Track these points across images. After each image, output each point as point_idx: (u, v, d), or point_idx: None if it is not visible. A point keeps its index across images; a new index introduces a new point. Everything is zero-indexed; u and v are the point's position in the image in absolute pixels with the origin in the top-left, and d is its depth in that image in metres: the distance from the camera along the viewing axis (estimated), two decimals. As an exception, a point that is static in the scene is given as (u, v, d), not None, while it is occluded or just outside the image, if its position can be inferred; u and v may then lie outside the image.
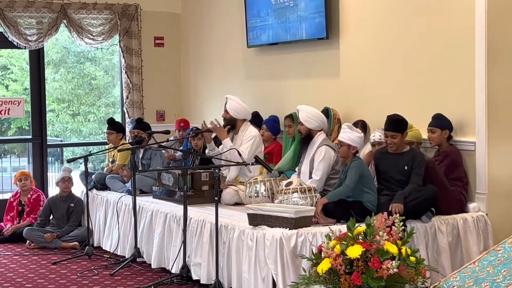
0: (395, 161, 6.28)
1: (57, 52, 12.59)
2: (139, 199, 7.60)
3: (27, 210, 8.80)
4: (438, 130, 6.48)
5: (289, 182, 6.40)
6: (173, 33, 10.63)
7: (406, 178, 6.20)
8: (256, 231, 5.89)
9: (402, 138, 6.29)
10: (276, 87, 8.79)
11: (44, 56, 10.15)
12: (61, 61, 12.76)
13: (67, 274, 7.15)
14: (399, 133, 6.27)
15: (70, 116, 12.88)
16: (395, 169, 6.26)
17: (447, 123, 6.49)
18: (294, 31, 8.27)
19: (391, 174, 6.29)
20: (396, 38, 7.17)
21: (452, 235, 6.26)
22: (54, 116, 12.72)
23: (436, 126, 6.49)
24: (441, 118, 6.50)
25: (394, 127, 6.29)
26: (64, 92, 12.82)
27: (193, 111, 10.44)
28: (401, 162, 6.24)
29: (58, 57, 12.68)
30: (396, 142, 6.28)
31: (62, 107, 12.80)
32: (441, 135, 6.48)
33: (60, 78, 12.68)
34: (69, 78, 12.73)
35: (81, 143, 11.93)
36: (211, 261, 6.37)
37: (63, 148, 12.33)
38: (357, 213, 5.90)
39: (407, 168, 6.20)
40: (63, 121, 12.96)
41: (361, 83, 7.60)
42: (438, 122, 6.49)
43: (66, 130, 12.98)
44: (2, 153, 12.27)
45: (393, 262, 4.42)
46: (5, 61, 12.15)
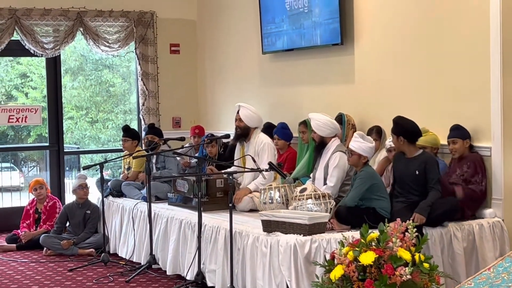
0: (407, 165, 6.25)
1: (75, 60, 12.65)
2: (155, 206, 7.61)
3: (43, 218, 8.85)
4: (459, 140, 6.44)
5: (303, 189, 6.39)
6: (188, 40, 10.66)
7: (417, 183, 6.15)
8: (270, 237, 5.88)
9: (398, 142, 6.27)
10: (291, 93, 8.79)
11: (61, 63, 10.21)
12: (79, 68, 12.82)
13: (83, 281, 7.18)
14: (394, 135, 6.29)
15: (89, 123, 12.94)
16: (407, 174, 6.23)
17: (466, 132, 6.46)
18: (308, 37, 8.26)
19: (403, 178, 6.26)
20: (410, 44, 7.14)
21: (468, 241, 6.21)
22: (72, 123, 12.78)
23: (457, 136, 6.44)
24: (460, 129, 6.47)
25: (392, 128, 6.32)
26: (82, 100, 12.87)
27: (209, 118, 10.46)
28: (411, 167, 6.20)
29: (76, 65, 12.73)
30: (394, 144, 6.35)
31: (80, 114, 12.86)
32: (463, 145, 6.44)
33: (78, 86, 12.74)
34: (87, 86, 12.79)
35: (97, 150, 11.97)
36: (225, 268, 6.37)
37: (80, 155, 12.38)
38: (371, 220, 5.87)
39: (418, 173, 6.15)
40: (82, 128, 13.02)
41: (376, 89, 7.57)
42: (458, 132, 6.45)
43: (85, 137, 13.03)
44: (21, 160, 12.35)
45: (406, 269, 4.39)
46: (25, 69, 12.23)
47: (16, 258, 8.21)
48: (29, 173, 12.34)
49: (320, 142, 6.87)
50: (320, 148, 6.87)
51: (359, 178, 6.24)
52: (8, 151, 11.49)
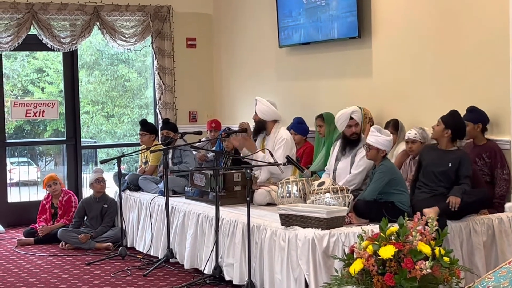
0: (440, 156, 6.18)
1: (91, 55, 12.70)
2: (172, 200, 7.61)
3: (60, 213, 8.87)
4: (470, 124, 6.37)
5: (321, 182, 6.37)
6: (205, 34, 10.65)
7: (446, 175, 6.09)
8: (288, 231, 5.86)
9: (442, 130, 6.18)
10: (307, 87, 8.76)
11: (78, 58, 10.23)
12: (95, 63, 12.88)
13: (100, 274, 7.19)
14: (442, 124, 6.20)
15: (105, 118, 12.98)
16: (439, 164, 6.15)
17: (480, 116, 6.39)
18: (326, 30, 8.22)
19: (433, 168, 6.18)
20: (428, 35, 7.09)
21: (487, 235, 6.16)
22: (88, 118, 12.82)
23: (469, 119, 6.38)
24: (474, 111, 6.40)
25: (445, 116, 6.23)
26: (98, 94, 12.94)
27: (225, 112, 10.45)
28: (446, 159, 6.13)
29: (92, 60, 12.79)
30: (435, 129, 6.24)
31: (96, 109, 12.91)
32: (474, 128, 6.38)
33: (94, 80, 12.78)
34: (103, 80, 12.83)
35: (114, 144, 12.01)
36: (243, 262, 6.36)
37: (97, 149, 12.43)
38: (390, 213, 5.81)
39: (451, 166, 6.09)
40: (98, 122, 13.07)
41: (394, 82, 7.53)
42: (470, 115, 6.39)
43: (101, 131, 13.08)
44: (38, 155, 12.40)
45: (426, 263, 4.36)
46: (41, 64, 12.29)
47: (34, 252, 8.25)
48: (45, 168, 12.40)
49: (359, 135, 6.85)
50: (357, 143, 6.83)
51: (378, 172, 6.21)
52: (25, 145, 11.54)
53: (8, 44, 9.43)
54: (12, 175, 11.35)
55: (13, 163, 11.58)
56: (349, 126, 6.84)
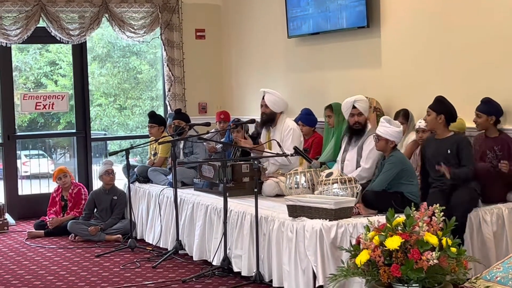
0: (438, 146, 6.15)
1: (102, 47, 12.67)
2: (181, 192, 7.60)
3: (70, 205, 8.86)
4: (483, 115, 6.30)
5: (329, 173, 6.34)
6: (214, 25, 10.61)
7: (449, 163, 6.04)
8: (296, 222, 5.84)
9: (436, 119, 6.15)
10: (316, 78, 8.71)
11: (87, 50, 10.21)
12: (107, 55, 12.84)
13: (110, 266, 7.19)
14: (433, 112, 6.15)
15: (117, 110, 12.96)
16: (438, 154, 6.12)
17: (494, 108, 6.31)
18: (334, 20, 8.16)
19: (435, 160, 6.14)
20: (438, 24, 7.02)
21: (497, 225, 6.11)
22: (101, 110, 12.82)
23: (482, 111, 6.31)
24: (489, 103, 6.31)
25: (432, 104, 6.21)
26: (110, 87, 12.90)
27: (235, 103, 10.42)
28: (443, 147, 6.10)
29: (104, 52, 12.76)
30: (429, 120, 6.20)
31: (108, 101, 12.90)
32: (487, 120, 6.31)
33: (106, 73, 12.77)
34: (115, 73, 12.81)
35: (124, 136, 11.98)
36: (251, 253, 6.34)
37: (107, 141, 12.40)
38: (399, 204, 5.79)
39: (450, 152, 6.05)
40: (110, 115, 13.06)
41: (403, 72, 7.47)
42: (484, 107, 6.31)
43: (113, 124, 13.07)
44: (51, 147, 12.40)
45: (433, 253, 4.30)
46: (54, 57, 12.27)
47: (44, 244, 8.25)
48: (58, 160, 12.40)
49: (364, 125, 6.78)
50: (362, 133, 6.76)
51: (388, 163, 6.16)
52: (36, 137, 11.54)
53: (17, 36, 9.43)
54: (25, 168, 11.37)
55: (27, 156, 11.59)
56: (351, 115, 6.77)
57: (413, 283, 4.32)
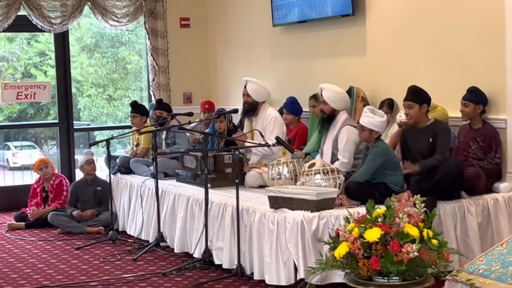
0: (419, 135, 6.05)
1: (91, 37, 12.55)
2: (163, 183, 7.47)
3: (51, 197, 8.71)
4: (471, 104, 6.22)
5: (311, 164, 6.22)
6: (199, 14, 10.46)
7: (431, 151, 5.94)
8: (277, 214, 5.72)
9: (419, 110, 6.04)
10: (302, 66, 8.59)
11: (69, 39, 10.06)
12: (96, 46, 12.73)
13: (89, 259, 7.06)
14: (416, 104, 6.02)
15: (106, 100, 12.84)
16: (420, 144, 6.02)
17: (481, 97, 6.22)
18: (319, 8, 8.05)
19: (416, 149, 6.05)
20: (424, 13, 6.92)
21: (482, 216, 6.02)
22: (90, 101, 12.71)
23: (470, 100, 6.22)
24: (476, 92, 6.23)
25: (411, 96, 6.07)
26: (99, 77, 12.80)
27: (220, 93, 10.29)
28: (425, 136, 6.00)
29: (92, 42, 12.64)
30: (412, 114, 6.04)
31: (98, 91, 12.79)
32: (475, 110, 6.22)
33: (95, 63, 12.65)
34: (103, 63, 12.69)
35: (108, 127, 11.81)
36: (233, 245, 6.22)
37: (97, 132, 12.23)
38: (382, 195, 5.68)
39: (432, 141, 5.95)
40: (99, 105, 12.95)
41: (388, 61, 7.37)
42: (472, 96, 6.22)
43: (102, 114, 12.95)
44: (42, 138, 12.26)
45: (413, 246, 4.20)
46: (43, 47, 12.13)
47: (24, 237, 8.11)
48: (49, 151, 12.27)
49: (330, 114, 6.66)
50: (329, 121, 6.67)
51: (372, 153, 6.04)
52: (18, 128, 11.34)
53: (-3, 25, 9.28)
54: (15, 159, 11.23)
55: (17, 147, 11.47)
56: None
57: (393, 276, 4.23)
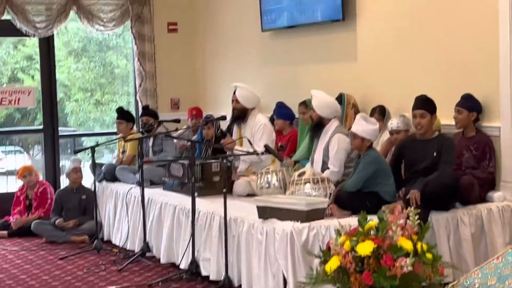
0: (424, 148, 5.85)
1: (78, 41, 12.45)
2: (149, 191, 7.31)
3: (34, 205, 8.54)
4: (465, 111, 6.08)
5: (301, 172, 6.08)
6: (187, 18, 10.29)
7: (436, 166, 5.77)
8: (266, 224, 5.57)
9: (431, 121, 5.88)
10: (291, 72, 8.44)
11: (55, 44, 9.87)
12: (83, 50, 12.65)
13: (73, 270, 6.88)
14: (429, 113, 5.86)
15: (93, 105, 12.73)
16: (424, 157, 5.82)
17: (476, 104, 6.08)
18: (309, 13, 7.90)
19: (420, 163, 5.84)
20: (415, 19, 6.79)
21: (476, 226, 5.86)
22: (77, 105, 12.58)
23: (464, 107, 6.08)
24: (470, 99, 6.09)
25: (425, 105, 5.88)
26: (86, 82, 12.71)
27: (208, 99, 10.12)
28: (430, 149, 5.81)
29: (80, 47, 12.54)
30: (425, 124, 5.85)
31: (85, 96, 12.68)
32: (468, 117, 6.08)
33: (82, 67, 12.55)
34: (91, 67, 12.59)
35: (93, 133, 11.67)
36: (220, 256, 6.07)
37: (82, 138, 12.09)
38: (374, 205, 5.57)
39: (437, 155, 5.78)
40: (86, 110, 12.84)
41: (379, 67, 7.23)
42: (466, 103, 6.09)
43: (89, 119, 12.83)
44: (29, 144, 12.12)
45: (407, 260, 4.05)
46: (30, 51, 12.02)
47: (6, 246, 7.92)
48: (36, 156, 12.13)
49: (318, 122, 6.54)
50: (318, 129, 6.54)
51: (363, 162, 5.89)
52: (2, 134, 11.13)
53: (-20, 30, 9.09)
54: (2, 164, 11.01)
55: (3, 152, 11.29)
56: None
57: (386, 292, 4.08)
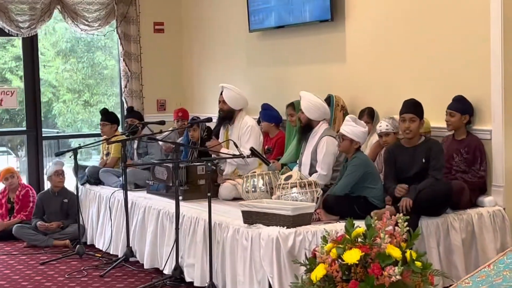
0: (411, 155, 5.68)
1: (66, 42, 12.26)
2: (133, 195, 7.15)
3: (16, 208, 8.33)
4: (457, 114, 5.95)
5: (288, 176, 5.92)
6: (173, 18, 10.12)
7: (425, 172, 5.62)
8: (251, 230, 5.42)
9: (419, 126, 5.73)
10: (279, 73, 8.29)
11: (38, 44, 9.70)
12: (71, 50, 12.46)
13: (54, 275, 6.70)
14: (418, 118, 5.70)
15: (82, 106, 12.55)
16: (413, 164, 5.66)
17: (468, 107, 5.96)
18: (297, 13, 7.75)
19: (409, 170, 5.67)
20: (405, 19, 6.65)
21: (466, 232, 5.74)
22: (64, 106, 12.40)
23: (457, 110, 5.95)
24: (462, 101, 5.96)
25: (415, 109, 5.72)
26: (74, 82, 12.52)
27: (196, 100, 9.96)
28: (418, 156, 5.65)
29: (68, 47, 12.36)
30: (414, 128, 5.67)
31: (73, 97, 12.49)
32: (460, 119, 5.95)
33: (70, 68, 12.36)
34: (79, 68, 12.40)
35: (79, 134, 11.47)
36: (205, 262, 5.91)
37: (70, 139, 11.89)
38: (362, 209, 5.46)
39: (425, 161, 5.62)
40: (74, 111, 12.65)
41: (368, 68, 7.09)
42: (458, 105, 5.95)
43: (77, 120, 12.65)
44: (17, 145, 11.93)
45: (395, 268, 3.89)
46: (19, 52, 11.82)
47: (-14, 250, 7.76)
48: (23, 158, 11.92)
49: (306, 124, 6.41)
50: (306, 131, 6.41)
51: (351, 165, 5.75)
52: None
53: (-39, 29, 8.90)
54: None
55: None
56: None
57: (374, 302, 3.93)
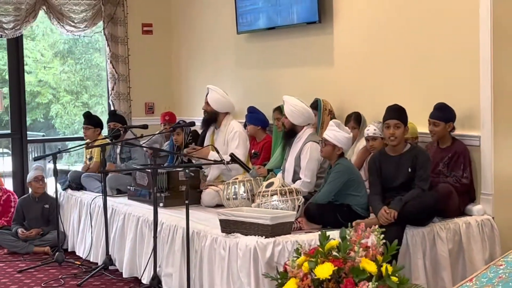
0: (396, 164, 5.44)
1: (64, 43, 12.18)
2: (113, 201, 6.96)
3: (-2, 213, 8.18)
4: (441, 123, 5.74)
5: (269, 183, 5.72)
6: (162, 20, 9.95)
7: (411, 181, 5.39)
8: (229, 239, 5.21)
9: (404, 132, 5.51)
10: (267, 76, 8.12)
11: (23, 45, 9.53)
12: (69, 52, 12.39)
13: (30, 284, 6.51)
14: (403, 124, 5.47)
15: (79, 108, 12.46)
16: (398, 174, 5.43)
17: (450, 114, 5.76)
18: (285, 14, 7.58)
19: (395, 180, 5.45)
20: (394, 23, 6.48)
21: (453, 241, 5.53)
22: (62, 108, 12.29)
23: (440, 119, 5.74)
24: (445, 109, 5.76)
25: (400, 115, 5.49)
26: (72, 84, 12.44)
27: (184, 103, 9.78)
28: (403, 165, 5.41)
29: (65, 48, 12.28)
30: (399, 135, 5.43)
31: (70, 98, 12.40)
32: (445, 128, 5.75)
33: (68, 70, 12.28)
34: (77, 69, 12.32)
35: (62, 138, 11.33)
36: (183, 272, 5.70)
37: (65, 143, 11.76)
38: (345, 218, 5.25)
39: (411, 170, 5.39)
40: (71, 113, 12.56)
41: (356, 72, 6.92)
42: (441, 114, 5.75)
43: (75, 122, 12.55)
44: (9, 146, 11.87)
45: (370, 284, 3.72)
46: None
47: (-36, 257, 7.57)
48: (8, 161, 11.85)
49: (290, 129, 6.23)
50: (290, 136, 6.23)
51: (334, 171, 5.55)
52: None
53: None
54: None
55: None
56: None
57: (347, 319, 3.74)
